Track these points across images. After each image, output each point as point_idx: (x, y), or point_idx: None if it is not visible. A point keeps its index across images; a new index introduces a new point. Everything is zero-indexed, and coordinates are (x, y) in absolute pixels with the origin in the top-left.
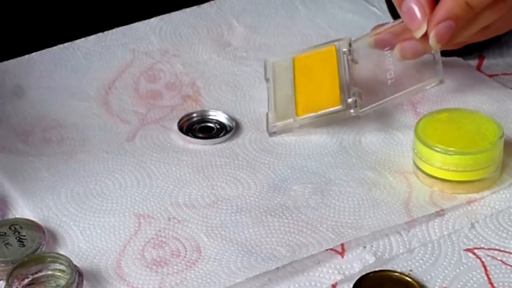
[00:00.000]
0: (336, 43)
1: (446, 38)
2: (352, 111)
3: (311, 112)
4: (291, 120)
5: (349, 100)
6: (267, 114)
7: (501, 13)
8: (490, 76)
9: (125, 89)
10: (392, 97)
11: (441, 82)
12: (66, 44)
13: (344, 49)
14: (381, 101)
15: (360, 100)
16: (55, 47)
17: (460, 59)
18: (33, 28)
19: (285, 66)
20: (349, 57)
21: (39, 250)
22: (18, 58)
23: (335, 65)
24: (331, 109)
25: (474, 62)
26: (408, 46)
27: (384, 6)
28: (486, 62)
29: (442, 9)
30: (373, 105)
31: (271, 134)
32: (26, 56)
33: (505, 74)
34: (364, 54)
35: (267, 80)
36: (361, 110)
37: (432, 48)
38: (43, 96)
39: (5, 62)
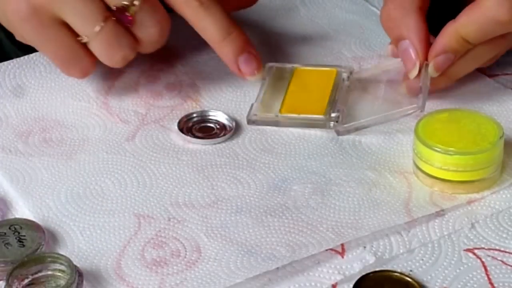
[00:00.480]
0: (339, 68)
1: (443, 68)
2: (332, 124)
3: (294, 112)
4: (272, 114)
5: (333, 114)
6: (252, 104)
7: (499, 49)
8: (490, 76)
9: (125, 89)
10: (370, 118)
11: (420, 110)
12: None
13: (344, 75)
14: (361, 121)
15: (344, 118)
16: None
17: None
18: None
19: (284, 72)
20: (346, 82)
21: (39, 250)
22: (18, 59)
23: (331, 84)
24: (313, 115)
25: None
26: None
27: None
28: None
29: (440, 43)
30: (353, 123)
31: (250, 122)
32: (26, 56)
33: (505, 74)
34: (361, 85)
35: (263, 79)
36: (342, 126)
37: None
38: (43, 96)
39: (5, 63)
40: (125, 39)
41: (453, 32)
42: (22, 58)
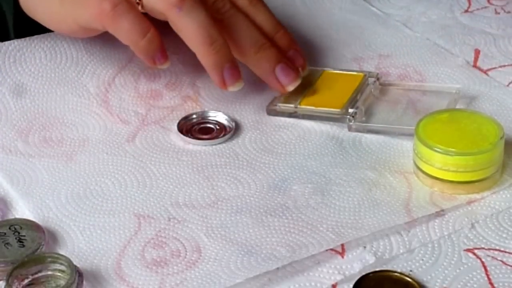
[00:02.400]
0: (366, 73)
1: None
2: (348, 118)
3: (313, 105)
4: (292, 106)
5: (350, 110)
6: (274, 97)
7: None
8: (487, 70)
9: (125, 87)
10: (385, 126)
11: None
12: None
13: (370, 80)
14: (377, 125)
15: (361, 117)
16: (55, 32)
17: (460, 59)
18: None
19: (312, 74)
20: (371, 86)
21: (39, 250)
22: (19, 40)
23: (355, 85)
24: (330, 109)
25: (470, 56)
26: None
27: (384, 6)
28: (482, 55)
29: None
30: (367, 124)
31: (270, 111)
32: (27, 38)
33: (502, 67)
34: (385, 93)
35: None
36: (356, 123)
37: None
38: (43, 90)
39: (6, 43)
40: None
41: None
42: (22, 40)
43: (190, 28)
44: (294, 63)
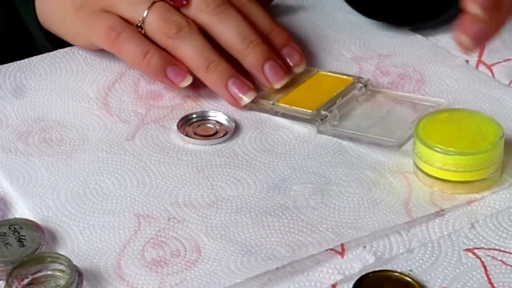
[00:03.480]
0: (356, 78)
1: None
2: (317, 122)
3: (289, 104)
4: (270, 102)
5: (322, 112)
6: (259, 92)
7: None
8: (492, 65)
9: (125, 90)
10: (351, 132)
11: (397, 147)
12: (66, 49)
13: (358, 85)
14: (343, 130)
15: (333, 121)
16: (55, 52)
17: (460, 58)
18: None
19: (305, 73)
20: (357, 92)
21: (38, 250)
22: (18, 62)
23: (339, 89)
24: (303, 109)
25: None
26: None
27: None
28: (487, 49)
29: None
30: (334, 128)
31: (250, 106)
32: (26, 59)
33: (506, 60)
34: (369, 100)
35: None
36: (323, 127)
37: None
38: (43, 97)
39: (5, 65)
40: (176, 12)
41: None
42: (22, 61)
43: (187, 55)
44: (289, 60)
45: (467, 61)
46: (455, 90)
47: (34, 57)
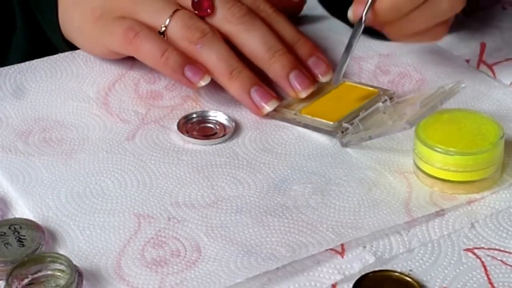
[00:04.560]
0: (381, 91)
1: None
2: (338, 135)
3: (311, 115)
4: (293, 112)
5: (344, 124)
6: (285, 99)
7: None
8: (493, 64)
9: (125, 90)
10: (369, 134)
11: (409, 125)
12: (66, 53)
13: (383, 97)
14: (362, 137)
15: (353, 134)
16: (55, 55)
17: (460, 59)
18: (33, 38)
19: (330, 82)
20: (381, 105)
21: (38, 250)
22: (19, 64)
23: (364, 101)
24: (324, 121)
25: (476, 50)
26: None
27: None
28: (488, 48)
29: None
30: (357, 142)
31: (272, 115)
32: (27, 62)
33: (507, 60)
34: (393, 112)
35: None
36: (344, 139)
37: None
38: (43, 98)
39: (5, 68)
40: (199, 20)
41: None
42: (22, 64)
43: (210, 61)
44: (315, 69)
45: (467, 61)
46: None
47: (35, 60)
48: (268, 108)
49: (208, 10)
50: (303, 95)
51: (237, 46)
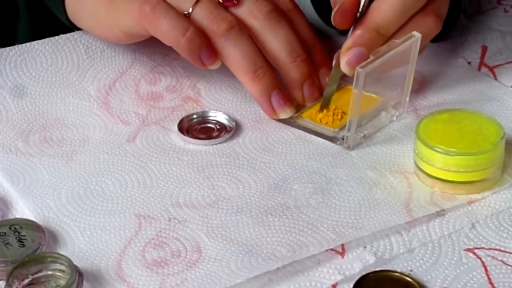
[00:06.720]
0: (385, 98)
1: (356, 64)
2: (338, 142)
3: (312, 119)
4: (295, 115)
5: (343, 133)
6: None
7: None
8: (494, 67)
9: (125, 90)
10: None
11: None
12: (68, 35)
13: (391, 103)
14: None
15: (356, 140)
16: (57, 37)
17: (461, 59)
18: (35, 19)
19: (346, 88)
20: (385, 113)
21: (39, 250)
22: (19, 46)
23: (368, 108)
24: (325, 126)
25: (477, 53)
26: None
27: None
28: (489, 51)
29: (352, 37)
30: (356, 139)
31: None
32: (28, 43)
33: (508, 63)
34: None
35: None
36: (345, 144)
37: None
38: (44, 92)
39: (6, 49)
40: (224, 10)
41: (367, 26)
42: (23, 45)
43: (234, 57)
44: (324, 81)
45: (469, 63)
46: (456, 90)
47: (36, 41)
48: (285, 114)
49: (235, 1)
50: (309, 104)
51: (258, 42)
